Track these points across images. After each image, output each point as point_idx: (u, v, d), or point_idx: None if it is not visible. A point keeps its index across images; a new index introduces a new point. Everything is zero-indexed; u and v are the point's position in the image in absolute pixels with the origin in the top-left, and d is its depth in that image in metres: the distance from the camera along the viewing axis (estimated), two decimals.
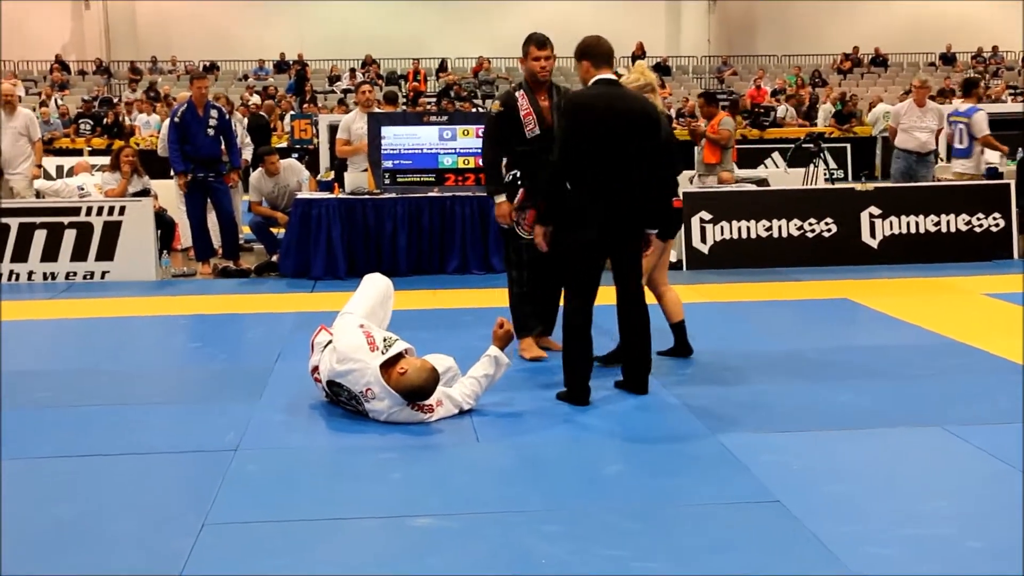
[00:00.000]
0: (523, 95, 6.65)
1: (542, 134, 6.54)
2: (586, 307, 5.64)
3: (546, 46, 6.61)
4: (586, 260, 5.62)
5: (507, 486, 4.48)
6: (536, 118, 6.58)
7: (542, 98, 6.64)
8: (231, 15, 32.61)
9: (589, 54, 5.74)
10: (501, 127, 6.66)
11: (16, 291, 9.71)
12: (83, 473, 4.67)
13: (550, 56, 6.61)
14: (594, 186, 5.54)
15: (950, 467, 4.70)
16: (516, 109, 6.61)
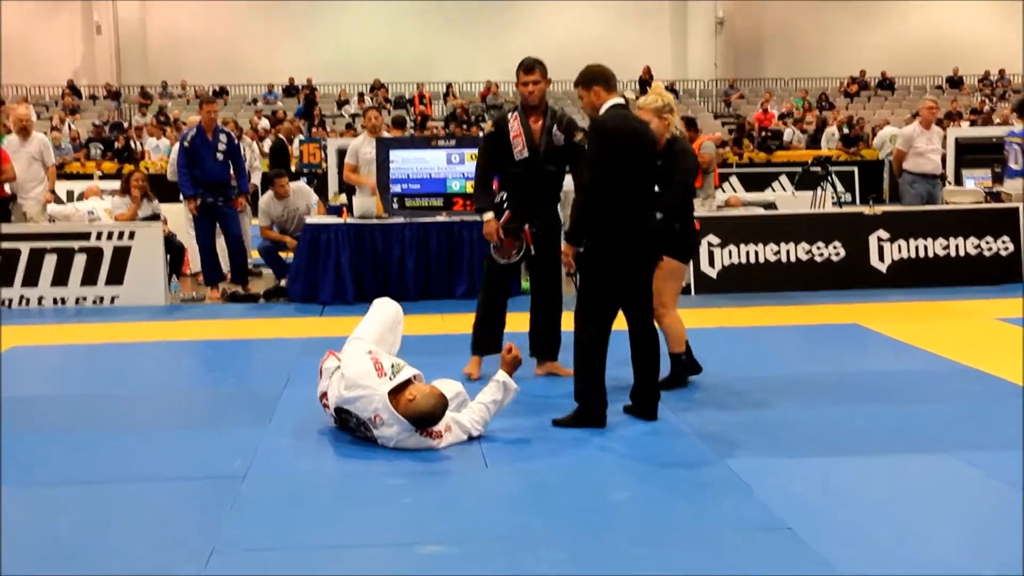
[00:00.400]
0: (516, 117, 6.70)
1: (530, 156, 6.63)
2: (605, 332, 5.68)
3: (533, 70, 6.61)
4: (612, 284, 5.66)
5: (515, 512, 4.47)
6: (525, 140, 6.63)
7: (534, 121, 6.68)
8: (241, 40, 32.83)
9: (600, 79, 5.80)
10: (492, 147, 6.76)
11: (26, 316, 9.74)
12: (92, 499, 4.66)
13: (539, 80, 6.62)
14: (622, 208, 5.60)
15: (961, 494, 4.67)
16: (507, 131, 6.67)
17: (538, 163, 6.67)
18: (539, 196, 6.74)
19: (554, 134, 6.67)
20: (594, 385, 5.68)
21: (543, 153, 6.65)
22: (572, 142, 6.69)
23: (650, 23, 34.28)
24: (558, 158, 6.72)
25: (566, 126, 6.72)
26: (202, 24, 32.78)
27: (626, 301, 5.76)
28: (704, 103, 32.66)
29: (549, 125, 6.65)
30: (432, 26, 33.03)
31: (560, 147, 6.68)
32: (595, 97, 5.79)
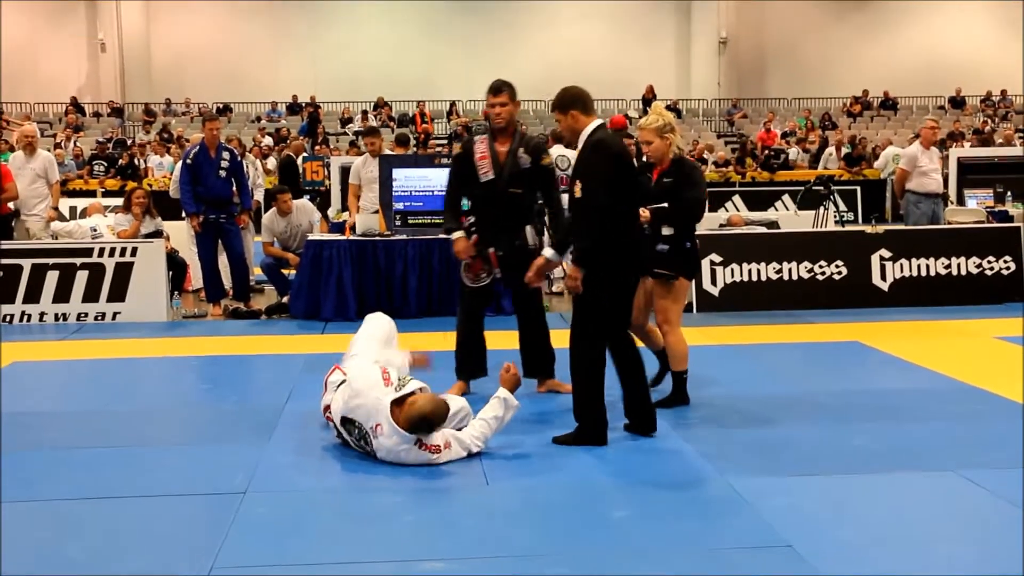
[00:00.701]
0: (484, 140, 6.69)
1: (495, 179, 6.60)
2: (604, 350, 5.70)
3: (501, 92, 6.56)
4: (620, 302, 5.69)
5: (516, 529, 4.46)
6: (491, 162, 6.60)
7: (501, 143, 6.64)
8: (244, 58, 32.94)
9: (578, 103, 5.75)
10: (460, 170, 6.79)
11: (28, 332, 9.75)
12: (93, 515, 4.66)
13: (506, 103, 6.56)
14: (624, 228, 5.63)
15: (963, 512, 4.67)
16: (473, 153, 6.67)
17: (502, 186, 6.61)
18: (505, 219, 6.66)
19: (519, 156, 6.60)
20: (594, 403, 5.68)
21: (506, 176, 6.59)
22: (539, 165, 6.64)
23: (653, 42, 34.36)
24: (524, 181, 6.64)
25: (533, 149, 6.66)
26: (206, 42, 32.91)
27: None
28: (707, 122, 32.72)
29: (515, 148, 6.61)
30: (436, 44, 33.14)
31: (526, 170, 6.61)
32: (573, 121, 5.74)
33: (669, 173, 6.42)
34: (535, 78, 32.32)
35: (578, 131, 5.72)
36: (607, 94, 32.25)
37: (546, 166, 6.70)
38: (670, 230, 6.43)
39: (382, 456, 5.24)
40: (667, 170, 6.44)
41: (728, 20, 33.54)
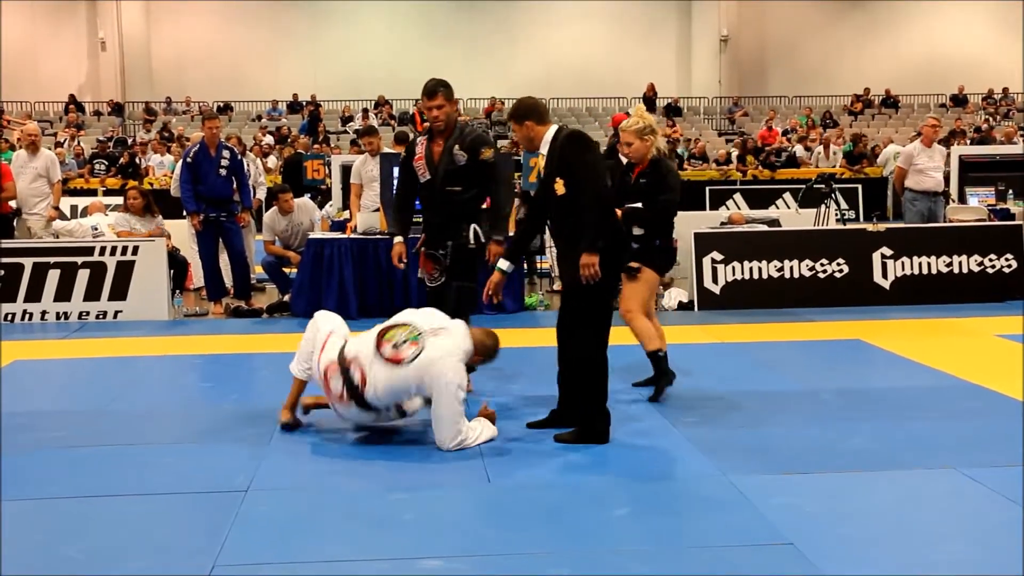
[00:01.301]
0: (422, 142, 6.66)
1: (431, 178, 6.59)
2: (606, 346, 5.71)
3: (436, 95, 6.47)
4: (614, 289, 5.84)
5: (518, 527, 4.45)
6: (426, 163, 6.58)
7: (438, 144, 6.59)
8: (245, 56, 32.96)
9: (533, 113, 5.81)
10: (404, 173, 6.79)
11: (29, 331, 9.75)
12: (94, 514, 4.66)
13: (442, 104, 6.48)
14: (611, 218, 5.71)
15: (965, 510, 4.66)
16: (413, 156, 6.67)
17: (437, 185, 6.57)
18: (445, 217, 6.63)
19: (455, 154, 6.53)
20: (598, 401, 5.68)
21: (441, 175, 6.55)
22: (478, 160, 6.55)
23: (654, 41, 34.37)
24: (461, 178, 6.58)
25: (470, 144, 6.56)
26: (207, 41, 32.92)
27: None
28: (708, 121, 32.72)
29: (450, 145, 6.53)
30: (436, 43, 33.12)
31: (463, 167, 6.54)
32: (528, 130, 5.80)
33: (646, 174, 6.62)
34: (536, 77, 32.47)
35: (535, 139, 5.80)
36: (608, 93, 32.31)
37: (485, 160, 6.58)
38: (640, 231, 6.61)
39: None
40: (645, 171, 6.64)
41: (729, 18, 33.53)
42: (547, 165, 5.73)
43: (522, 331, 9.32)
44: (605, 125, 28.10)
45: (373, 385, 5.45)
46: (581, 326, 5.67)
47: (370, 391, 5.46)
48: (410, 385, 5.44)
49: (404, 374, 5.42)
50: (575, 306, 5.69)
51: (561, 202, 5.63)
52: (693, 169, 24.84)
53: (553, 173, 5.65)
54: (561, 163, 5.64)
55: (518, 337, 8.84)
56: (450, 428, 5.42)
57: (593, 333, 5.67)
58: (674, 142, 23.12)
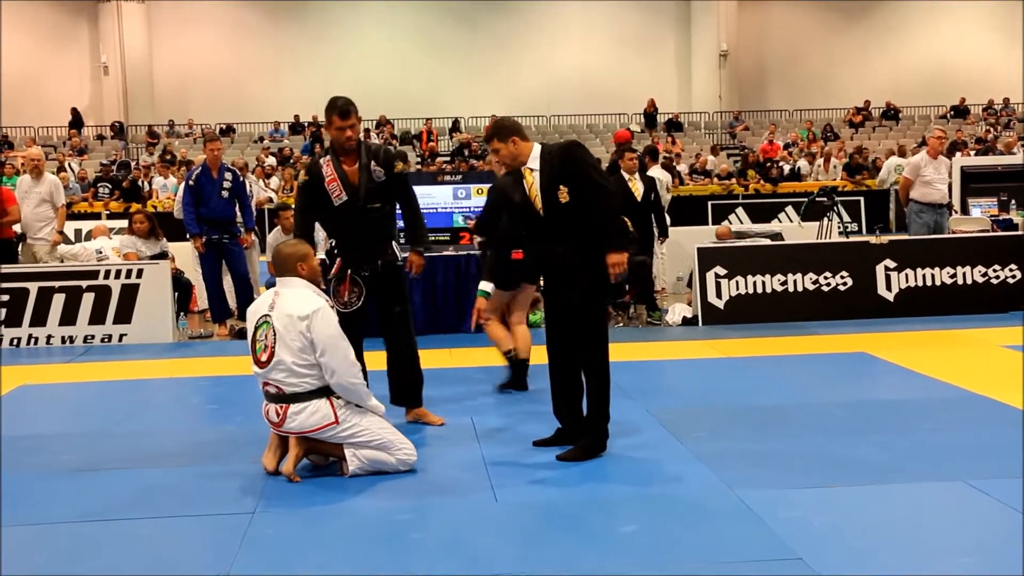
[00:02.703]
0: (328, 162, 6.42)
1: (350, 199, 6.35)
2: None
3: (350, 116, 6.30)
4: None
5: (525, 546, 4.44)
6: (341, 184, 6.34)
7: (349, 163, 6.39)
8: (246, 78, 33.05)
9: (516, 131, 5.84)
10: (309, 198, 6.48)
11: (35, 355, 9.77)
12: (100, 537, 4.65)
13: (354, 124, 6.32)
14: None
15: (973, 522, 4.64)
16: (321, 178, 6.38)
17: (360, 205, 6.36)
18: (369, 237, 6.44)
19: (373, 171, 6.37)
20: (606, 413, 5.71)
21: (364, 194, 6.35)
22: (393, 174, 6.44)
23: (654, 56, 34.46)
24: (381, 195, 6.43)
25: (384, 159, 6.44)
26: (208, 63, 33.03)
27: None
28: (709, 135, 32.76)
29: (366, 163, 6.36)
30: (438, 62, 33.23)
31: (382, 183, 6.40)
32: (514, 147, 5.78)
33: None
34: (537, 94, 32.55)
35: (520, 156, 5.79)
36: (609, 108, 32.38)
37: (399, 173, 6.48)
38: None
39: None
40: None
41: (728, 33, 33.61)
42: (544, 176, 5.70)
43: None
44: (607, 141, 28.15)
45: (285, 382, 5.38)
46: (599, 340, 5.70)
47: (288, 388, 5.39)
48: (299, 345, 5.34)
49: (286, 347, 5.35)
50: (587, 321, 5.69)
51: (565, 210, 5.63)
52: (695, 184, 24.89)
53: (555, 183, 5.65)
54: (565, 171, 5.65)
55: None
56: (338, 351, 5.36)
57: (606, 348, 5.71)
58: (670, 158, 23.15)
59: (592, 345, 5.71)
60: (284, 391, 5.40)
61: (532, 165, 5.76)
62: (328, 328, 5.35)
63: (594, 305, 5.68)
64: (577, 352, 5.76)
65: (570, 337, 5.76)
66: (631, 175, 10.63)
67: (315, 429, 5.40)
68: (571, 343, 5.77)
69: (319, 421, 5.39)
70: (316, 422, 5.39)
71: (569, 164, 5.66)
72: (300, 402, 5.39)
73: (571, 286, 5.66)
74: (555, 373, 5.88)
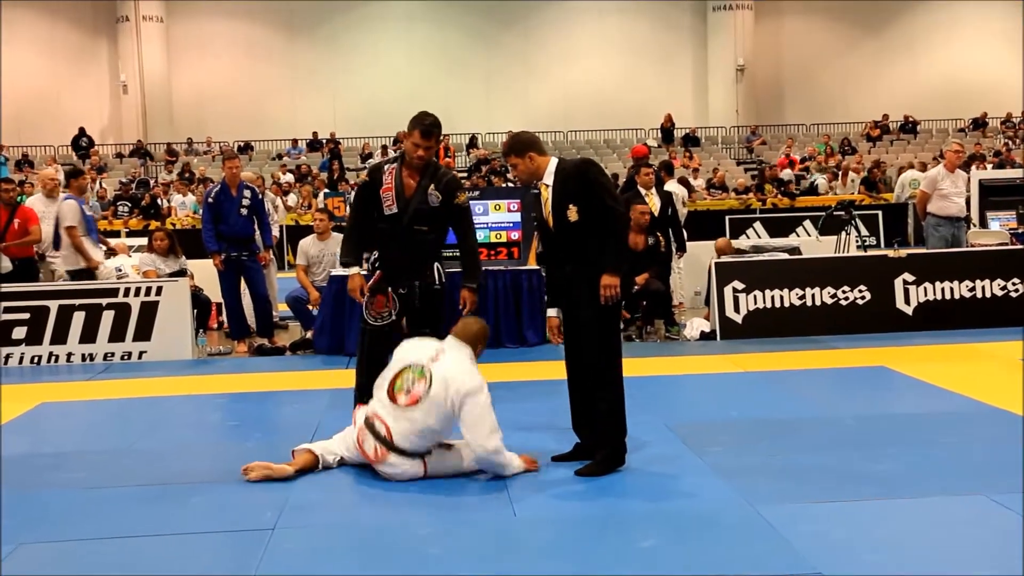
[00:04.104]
0: (391, 171, 6.30)
1: (398, 213, 6.23)
2: None
3: (430, 136, 6.17)
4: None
5: (544, 561, 4.44)
6: (395, 195, 6.23)
7: (411, 176, 6.26)
8: (264, 96, 33.25)
9: (535, 146, 5.84)
10: (364, 199, 6.40)
11: (55, 373, 9.82)
12: (120, 555, 4.67)
13: (432, 146, 6.21)
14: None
15: (994, 537, 4.61)
16: (380, 184, 6.28)
17: (405, 223, 6.23)
18: (408, 258, 6.30)
19: (429, 194, 6.23)
20: (622, 430, 5.72)
21: (411, 212, 6.22)
22: (452, 204, 6.30)
23: (671, 71, 34.49)
24: (431, 219, 6.28)
25: (445, 187, 6.28)
26: (226, 82, 33.25)
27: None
28: (726, 150, 32.76)
29: (426, 184, 6.23)
30: (454, 78, 33.34)
31: (435, 208, 6.25)
32: (530, 162, 5.78)
33: None
34: (554, 110, 32.62)
35: (537, 171, 5.79)
36: (625, 124, 32.41)
37: (460, 205, 6.34)
38: None
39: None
40: None
41: (745, 47, 33.63)
42: (556, 194, 5.72)
43: (544, 364, 9.31)
44: (623, 156, 28.19)
45: (402, 435, 5.49)
46: (609, 355, 5.71)
47: (400, 440, 5.49)
48: (442, 413, 5.45)
49: (428, 408, 5.44)
50: (597, 336, 5.70)
51: (574, 229, 5.65)
52: (712, 199, 24.87)
53: (566, 201, 5.67)
54: (576, 190, 5.66)
55: (540, 370, 8.85)
56: (485, 425, 5.45)
57: (618, 363, 5.71)
58: (687, 174, 23.12)
59: (603, 361, 5.71)
60: (393, 439, 5.49)
61: (547, 181, 5.77)
62: (478, 408, 5.45)
63: (604, 322, 5.68)
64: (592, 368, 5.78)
65: (585, 354, 5.77)
66: (648, 190, 10.65)
67: (404, 479, 5.54)
68: (586, 359, 5.78)
69: (412, 475, 5.55)
70: (410, 475, 5.55)
71: (581, 184, 5.67)
72: (404, 456, 5.52)
73: (580, 304, 5.68)
74: (573, 389, 5.91)
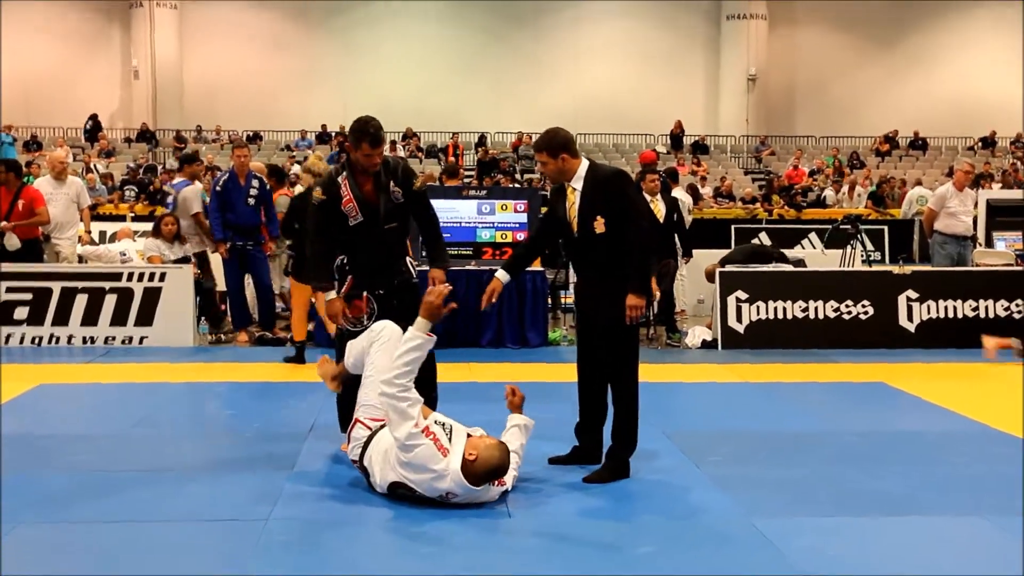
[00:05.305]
0: (345, 181, 6.15)
1: (368, 220, 6.11)
2: None
3: (380, 143, 6.05)
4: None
5: (538, 563, 4.43)
6: (357, 205, 6.10)
7: (366, 183, 6.13)
8: (275, 87, 33.27)
9: (569, 147, 5.72)
10: (326, 218, 6.19)
11: (55, 354, 9.82)
12: (113, 539, 4.67)
13: (382, 151, 6.07)
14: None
15: (989, 558, 4.60)
16: (338, 198, 6.13)
17: (378, 225, 6.13)
18: (385, 256, 6.20)
19: (392, 191, 6.12)
20: (633, 443, 5.75)
21: (384, 214, 6.12)
22: (412, 192, 6.20)
23: (682, 78, 34.49)
24: (399, 215, 6.20)
25: (402, 177, 6.18)
26: (238, 70, 33.26)
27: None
28: (735, 159, 32.75)
29: (385, 183, 6.11)
30: (465, 77, 33.36)
31: (401, 203, 6.16)
32: (563, 163, 5.68)
33: None
34: (564, 112, 32.51)
35: (568, 172, 5.69)
36: (635, 129, 32.40)
37: (418, 190, 6.27)
38: None
39: (460, 502, 5.11)
40: None
41: (757, 57, 33.64)
42: (584, 202, 5.64)
43: (545, 365, 9.32)
44: (632, 161, 28.16)
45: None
46: (627, 366, 5.71)
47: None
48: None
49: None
50: (615, 346, 5.68)
51: (599, 241, 5.60)
52: (719, 207, 24.86)
53: (594, 211, 5.60)
54: (606, 201, 5.60)
55: (542, 372, 8.85)
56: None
57: (635, 377, 5.73)
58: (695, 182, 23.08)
59: (620, 374, 5.71)
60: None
61: (576, 185, 5.68)
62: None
63: (623, 334, 5.66)
64: (604, 377, 5.78)
65: (598, 362, 5.77)
66: (652, 196, 10.64)
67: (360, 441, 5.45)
68: (599, 368, 5.78)
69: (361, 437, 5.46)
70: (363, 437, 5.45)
71: (613, 198, 5.60)
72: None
73: (601, 313, 5.66)
74: (583, 395, 5.91)
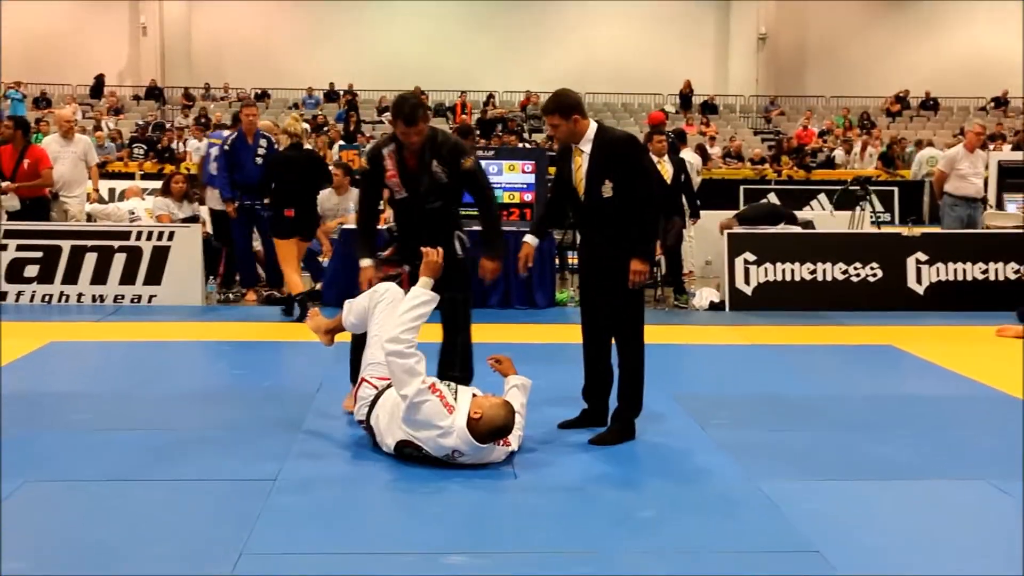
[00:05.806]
0: (391, 155, 6.02)
1: (410, 196, 6.02)
2: None
3: (416, 122, 5.78)
4: None
5: (542, 525, 4.45)
6: (402, 181, 6.00)
7: (411, 158, 5.97)
8: (283, 44, 33.11)
9: (579, 108, 5.65)
10: (371, 186, 6.24)
11: (65, 312, 9.86)
12: (120, 498, 4.70)
13: (421, 129, 5.81)
14: None
15: (994, 523, 4.60)
16: (383, 171, 6.05)
17: (419, 203, 6.02)
18: (428, 234, 5.96)
19: (434, 170, 5.95)
20: (638, 405, 5.76)
21: (425, 192, 5.98)
22: (459, 172, 6.00)
23: (692, 37, 34.22)
24: (443, 194, 6.02)
25: (448, 155, 5.97)
26: (246, 28, 33.09)
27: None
28: (744, 119, 32.56)
29: (427, 160, 5.93)
30: (474, 36, 33.16)
31: (445, 183, 5.99)
32: (574, 124, 5.60)
33: None
34: (571, 71, 32.35)
35: (579, 133, 5.63)
36: (644, 88, 32.22)
37: (467, 170, 6.03)
38: None
39: (466, 462, 5.13)
40: None
41: (767, 17, 33.35)
42: (594, 164, 5.60)
43: (553, 327, 9.33)
44: (640, 121, 28.04)
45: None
46: (633, 328, 5.71)
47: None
48: None
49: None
50: (620, 309, 5.68)
51: (606, 204, 5.57)
52: (728, 168, 24.76)
53: (603, 175, 5.57)
54: (615, 166, 5.56)
55: (549, 333, 8.87)
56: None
57: (641, 341, 5.72)
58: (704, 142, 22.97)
59: (626, 336, 5.71)
60: None
61: (584, 147, 5.63)
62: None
63: (630, 299, 5.65)
64: (608, 340, 5.79)
65: (602, 326, 5.77)
66: (660, 157, 10.59)
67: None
68: (603, 331, 5.78)
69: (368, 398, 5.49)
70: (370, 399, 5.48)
71: (622, 161, 5.57)
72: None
73: (607, 277, 5.64)
74: (588, 358, 5.91)
